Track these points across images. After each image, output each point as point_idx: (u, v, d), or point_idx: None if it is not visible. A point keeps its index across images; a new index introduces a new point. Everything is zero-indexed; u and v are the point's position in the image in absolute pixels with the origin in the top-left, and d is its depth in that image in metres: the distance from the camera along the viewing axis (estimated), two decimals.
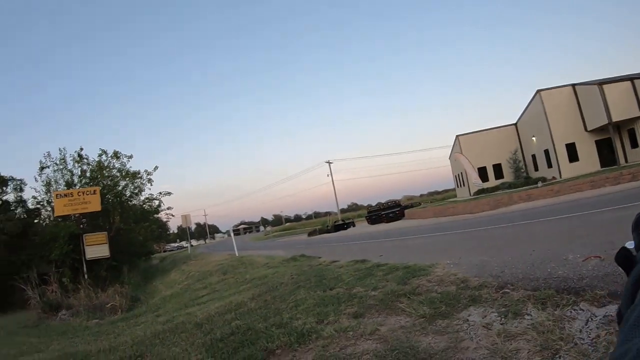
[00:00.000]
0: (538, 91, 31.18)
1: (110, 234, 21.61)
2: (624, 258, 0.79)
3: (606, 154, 29.30)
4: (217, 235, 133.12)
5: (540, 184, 26.64)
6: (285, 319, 5.49)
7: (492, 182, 35.39)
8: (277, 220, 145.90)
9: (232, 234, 27.15)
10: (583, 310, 3.70)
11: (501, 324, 3.81)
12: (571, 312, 3.70)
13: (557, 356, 3.03)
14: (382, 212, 39.24)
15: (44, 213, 25.47)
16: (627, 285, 0.69)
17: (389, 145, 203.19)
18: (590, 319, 3.50)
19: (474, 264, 6.66)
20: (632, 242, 0.86)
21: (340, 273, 8.26)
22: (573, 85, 30.65)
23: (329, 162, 58.97)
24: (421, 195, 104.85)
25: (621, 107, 27.01)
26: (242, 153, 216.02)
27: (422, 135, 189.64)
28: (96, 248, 20.66)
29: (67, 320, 13.95)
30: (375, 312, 5.02)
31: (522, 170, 35.75)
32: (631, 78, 27.95)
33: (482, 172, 36.07)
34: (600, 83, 27.81)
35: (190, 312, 8.90)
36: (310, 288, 7.28)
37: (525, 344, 3.30)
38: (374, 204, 66.60)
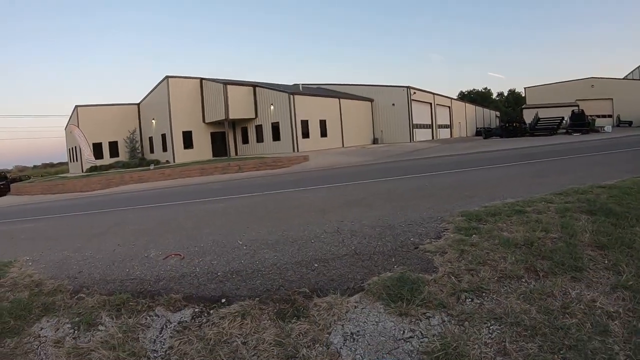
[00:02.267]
0: (167, 77, 32.30)
1: None
2: None
3: (219, 145, 33.19)
4: None
5: (152, 166, 27.45)
6: None
7: (107, 159, 34.74)
8: None
9: None
10: (158, 316, 3.55)
11: (74, 339, 3.36)
12: (146, 319, 3.52)
13: None
14: None
15: None
16: None
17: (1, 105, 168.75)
18: (165, 327, 3.39)
19: (54, 261, 5.83)
20: None
21: None
22: (201, 79, 33.36)
23: None
24: (34, 167, 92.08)
25: (240, 107, 31.40)
26: None
27: (40, 100, 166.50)
28: None
29: None
30: None
31: (138, 151, 36.30)
32: (254, 85, 32.85)
33: (98, 149, 34.88)
34: (226, 83, 31.27)
35: None
36: None
37: None
38: None
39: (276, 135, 30.99)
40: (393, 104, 36.92)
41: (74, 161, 40.19)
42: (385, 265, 3.97)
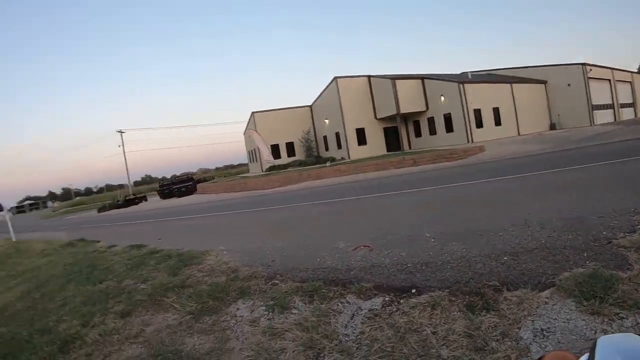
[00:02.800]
0: (335, 78, 33.45)
1: None
2: None
3: (392, 140, 33.40)
4: None
5: (329, 163, 28.51)
6: (51, 323, 4.84)
7: (285, 159, 37.13)
8: (67, 194, 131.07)
9: (6, 215, 23.11)
10: (350, 303, 3.72)
11: (268, 320, 3.73)
12: (337, 305, 3.73)
13: (321, 355, 3.01)
14: (174, 187, 38.12)
15: None
16: None
17: (187, 118, 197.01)
18: (355, 313, 3.53)
19: (247, 251, 6.54)
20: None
21: (114, 262, 7.65)
22: (369, 76, 33.88)
23: (120, 132, 54.49)
24: (217, 169, 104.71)
25: (410, 100, 31.11)
26: (27, 121, 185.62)
27: (221, 110, 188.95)
28: None
29: None
30: (142, 309, 4.67)
31: (314, 150, 38.26)
32: (422, 77, 32.14)
33: (275, 149, 37.55)
34: (394, 78, 31.21)
35: None
36: (81, 282, 6.57)
37: (290, 342, 3.23)
38: (169, 177, 64.24)
39: (449, 127, 29.98)
40: (569, 85, 32.64)
41: (253, 162, 44.15)
42: (577, 261, 3.70)
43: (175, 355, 3.40)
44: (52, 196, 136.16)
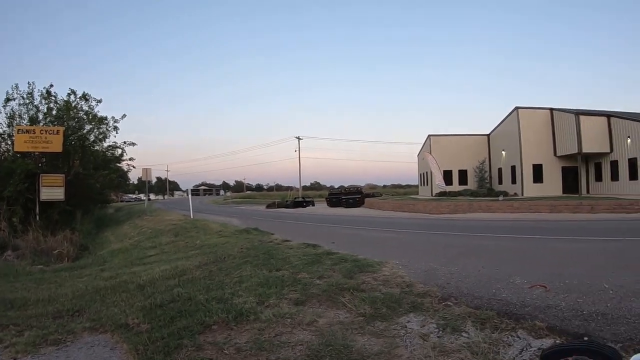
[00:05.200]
0: (516, 108, 31.71)
1: (68, 177, 21.12)
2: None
3: (570, 181, 30.21)
4: (177, 193, 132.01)
5: (501, 197, 27.10)
6: (226, 294, 5.45)
7: (456, 186, 35.94)
8: (239, 187, 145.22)
9: (189, 194, 26.71)
10: (520, 338, 3.66)
11: (438, 337, 3.75)
12: (508, 337, 3.65)
13: None
14: (343, 197, 39.35)
15: (3, 146, 24.38)
16: None
17: (361, 132, 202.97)
18: (525, 349, 3.46)
19: (422, 269, 6.68)
20: None
21: (289, 255, 8.25)
22: (551, 109, 31.30)
23: (298, 138, 59.16)
24: (384, 186, 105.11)
25: (593, 139, 27.97)
26: (214, 116, 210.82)
27: (394, 128, 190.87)
28: (52, 190, 20.19)
29: (11, 262, 13.58)
30: (316, 302, 4.98)
31: (487, 181, 36.44)
32: (608, 115, 28.85)
33: (447, 175, 36.49)
34: (578, 113, 28.55)
35: (135, 271, 8.78)
36: (257, 265, 7.25)
37: None
38: (336, 187, 67.09)
39: (633, 174, 26.00)
40: None
41: (424, 185, 43.63)
42: None
43: (346, 349, 3.58)
44: (225, 186, 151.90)
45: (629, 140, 26.48)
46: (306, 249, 8.92)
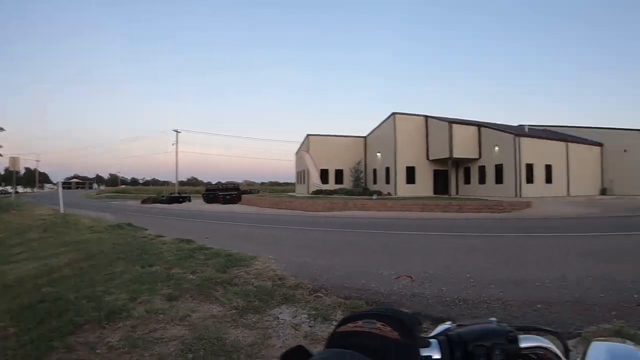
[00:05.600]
0: (393, 113, 33.73)
1: None
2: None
3: (441, 183, 33.10)
4: (47, 186, 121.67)
5: (375, 196, 28.56)
6: (98, 292, 5.21)
7: (332, 185, 37.21)
8: (113, 180, 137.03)
9: (59, 188, 24.58)
10: None
11: (310, 327, 3.97)
12: None
13: None
14: (220, 193, 39.21)
15: None
16: None
17: (242, 129, 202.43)
18: None
19: (295, 263, 6.93)
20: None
21: (163, 250, 8.10)
22: (426, 116, 33.91)
23: (176, 131, 56.79)
24: (262, 183, 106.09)
25: (464, 146, 30.93)
26: (89, 105, 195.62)
27: (275, 126, 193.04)
28: None
29: None
30: (189, 297, 4.97)
31: (362, 181, 38.12)
32: (479, 125, 32.12)
33: (324, 174, 37.73)
34: (451, 122, 31.25)
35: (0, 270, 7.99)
36: (130, 261, 7.01)
37: None
38: (214, 182, 66.01)
39: (499, 178, 29.57)
40: (625, 150, 31.66)
41: (301, 183, 44.21)
42: (605, 317, 3.93)
43: (219, 342, 3.63)
44: (99, 179, 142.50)
45: (496, 148, 29.79)
46: (180, 244, 8.79)
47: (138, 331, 3.99)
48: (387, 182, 34.25)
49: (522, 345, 0.71)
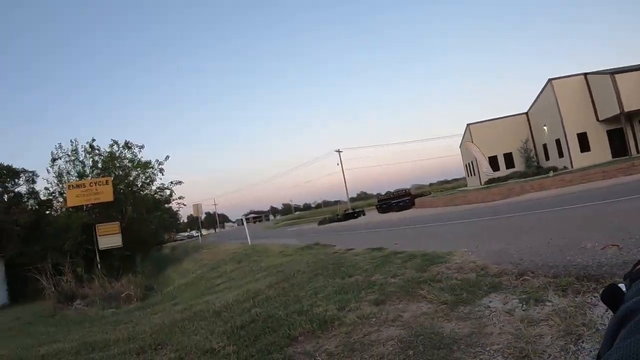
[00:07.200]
0: (549, 80, 30.70)
1: (123, 224, 21.71)
2: (610, 296, 0.68)
3: (618, 144, 28.82)
4: (227, 225, 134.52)
5: (551, 173, 26.30)
6: (305, 306, 5.51)
7: (503, 171, 35.07)
8: (287, 210, 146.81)
9: (244, 222, 27.11)
10: None
11: (523, 310, 3.82)
12: (592, 299, 3.70)
13: (580, 341, 3.02)
14: (393, 201, 38.94)
15: (56, 204, 25.53)
16: (610, 325, 0.60)
17: (398, 134, 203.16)
18: None
19: (492, 252, 6.67)
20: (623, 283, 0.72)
21: (357, 260, 8.29)
22: (585, 74, 30.06)
23: (338, 151, 58.79)
24: (431, 185, 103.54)
25: (633, 97, 26.46)
26: (252, 143, 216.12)
27: (431, 124, 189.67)
28: (109, 238, 20.80)
29: (82, 310, 14.05)
30: (396, 299, 5.02)
31: (534, 160, 35.32)
32: None
33: (493, 161, 35.65)
34: (613, 73, 27.24)
35: (207, 300, 8.94)
36: (329, 276, 7.31)
37: (548, 329, 3.30)
38: (383, 193, 66.52)
39: None
40: None
41: (471, 175, 42.70)
42: None
43: (437, 336, 3.64)
44: (273, 210, 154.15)
45: None
46: (372, 253, 8.94)
47: (353, 336, 4.14)
48: (560, 155, 31.07)
49: None
